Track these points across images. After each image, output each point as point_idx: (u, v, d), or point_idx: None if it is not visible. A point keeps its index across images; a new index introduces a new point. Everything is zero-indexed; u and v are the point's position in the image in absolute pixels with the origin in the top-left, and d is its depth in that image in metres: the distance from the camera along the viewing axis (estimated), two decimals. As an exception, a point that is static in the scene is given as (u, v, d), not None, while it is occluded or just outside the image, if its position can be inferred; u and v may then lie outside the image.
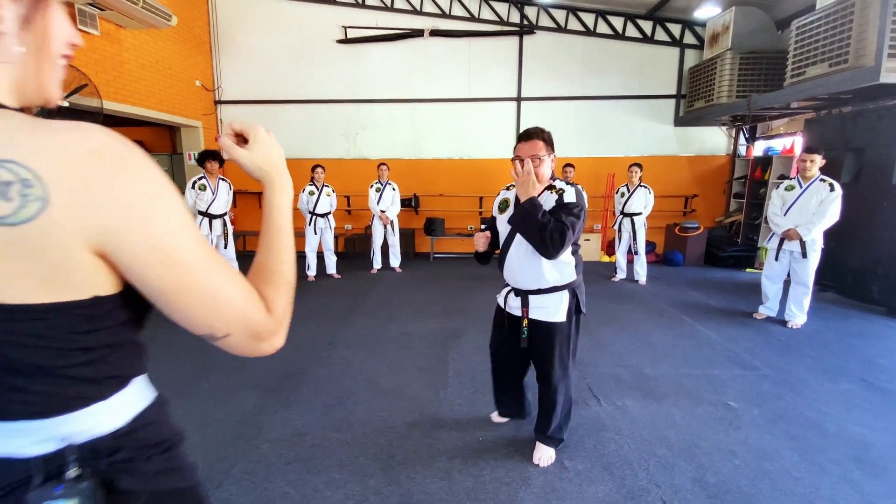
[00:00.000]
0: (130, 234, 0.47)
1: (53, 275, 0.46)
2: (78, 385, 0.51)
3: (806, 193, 3.87)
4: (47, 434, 0.50)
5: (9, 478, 0.49)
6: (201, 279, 0.51)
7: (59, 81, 0.56)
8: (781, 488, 1.94)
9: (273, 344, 0.58)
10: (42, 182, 0.43)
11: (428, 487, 1.93)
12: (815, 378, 3.03)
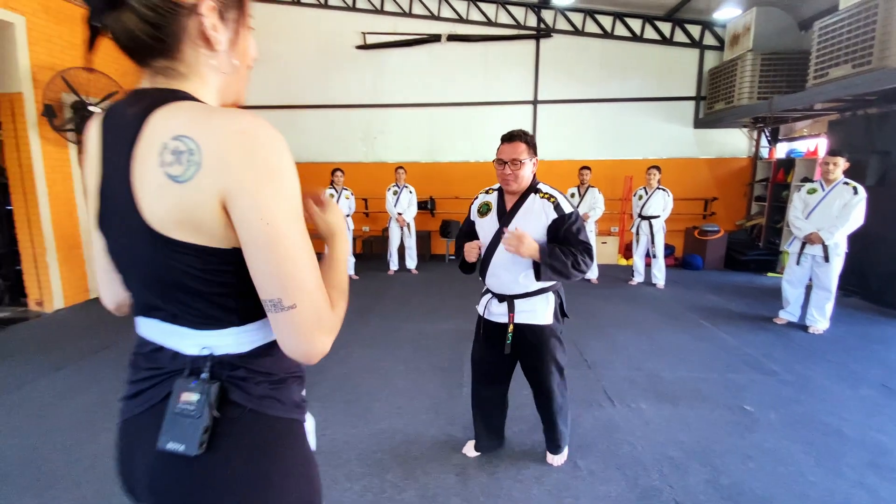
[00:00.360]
0: (245, 194, 0.58)
1: (203, 224, 0.59)
2: (220, 310, 0.65)
3: (829, 197, 3.81)
4: (198, 341, 0.66)
5: (173, 365, 0.67)
6: (289, 246, 0.60)
7: (246, 87, 0.75)
8: (795, 492, 1.95)
9: (325, 342, 0.64)
10: (201, 151, 0.57)
11: (443, 482, 1.99)
12: (835, 384, 2.99)
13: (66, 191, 4.62)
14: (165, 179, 0.57)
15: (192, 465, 0.62)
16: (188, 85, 0.66)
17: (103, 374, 3.11)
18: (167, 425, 0.63)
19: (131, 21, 0.61)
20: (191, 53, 0.65)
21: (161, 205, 0.59)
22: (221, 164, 0.57)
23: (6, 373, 3.11)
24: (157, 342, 0.69)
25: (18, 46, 4.11)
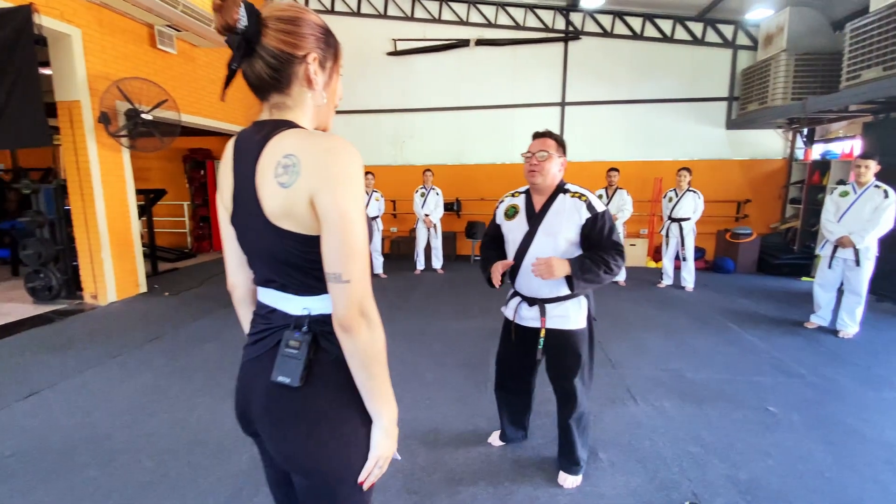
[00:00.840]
0: (324, 192, 0.77)
1: (299, 217, 0.79)
2: (315, 281, 0.84)
3: (860, 200, 3.75)
4: (300, 304, 0.87)
5: (283, 321, 0.88)
6: (352, 233, 0.77)
7: (332, 116, 0.95)
8: (811, 487, 1.98)
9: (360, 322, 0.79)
10: (300, 164, 0.77)
11: (469, 467, 2.11)
12: (859, 387, 2.96)
13: (119, 192, 4.97)
14: (276, 185, 0.79)
15: (296, 393, 0.84)
16: (293, 114, 0.88)
17: (155, 362, 3.37)
18: (278, 364, 0.84)
19: (260, 66, 0.83)
20: (297, 91, 0.87)
21: (274, 203, 0.80)
22: (312, 171, 0.77)
23: (68, 359, 3.40)
24: (272, 306, 0.91)
25: (76, 57, 4.46)
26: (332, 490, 0.88)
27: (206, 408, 2.68)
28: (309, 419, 0.85)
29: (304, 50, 0.84)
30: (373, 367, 0.84)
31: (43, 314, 4.46)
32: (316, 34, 0.86)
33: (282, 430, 0.86)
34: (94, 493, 1.95)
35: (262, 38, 0.82)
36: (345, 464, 0.87)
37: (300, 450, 0.85)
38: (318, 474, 0.86)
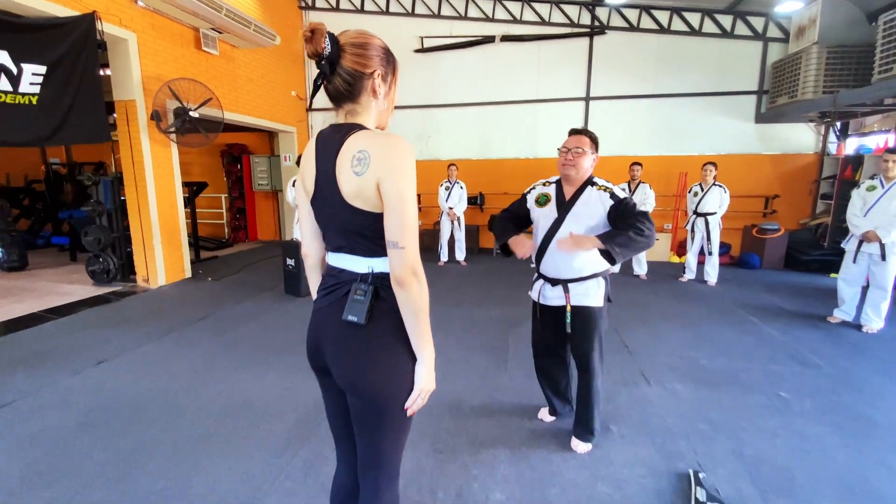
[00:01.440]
0: (387, 179, 1.00)
1: (368, 198, 1.02)
2: (377, 247, 1.07)
3: (888, 195, 3.74)
4: (365, 264, 1.10)
5: (350, 277, 1.12)
6: (407, 211, 1.01)
7: (389, 119, 1.19)
8: (815, 464, 2.10)
9: (411, 279, 1.03)
10: (370, 157, 1.00)
11: (489, 433, 2.32)
12: (876, 378, 3.01)
13: (168, 184, 5.37)
14: (352, 174, 1.03)
15: (360, 329, 1.08)
16: (361, 118, 1.12)
17: (204, 337, 3.71)
18: (348, 306, 1.09)
19: (338, 81, 1.08)
20: (365, 99, 1.11)
21: (349, 187, 1.04)
22: (378, 163, 1.00)
23: (126, 334, 3.77)
24: (341, 266, 1.15)
25: (132, 59, 4.84)
26: (382, 412, 1.11)
27: (253, 377, 2.98)
28: (369, 350, 1.09)
29: (371, 68, 1.08)
30: (420, 315, 1.06)
31: (102, 295, 4.90)
32: (380, 55, 1.10)
33: (348, 358, 1.10)
34: (163, 442, 2.25)
35: (341, 60, 1.06)
36: (394, 390, 1.10)
37: (360, 375, 1.09)
38: (372, 397, 1.09)
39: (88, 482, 1.96)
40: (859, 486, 1.98)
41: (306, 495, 1.88)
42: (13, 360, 3.22)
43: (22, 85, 3.81)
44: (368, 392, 1.09)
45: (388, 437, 1.14)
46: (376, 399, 1.10)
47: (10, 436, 2.31)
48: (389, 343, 1.09)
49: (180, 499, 1.86)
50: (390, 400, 1.10)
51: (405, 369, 1.11)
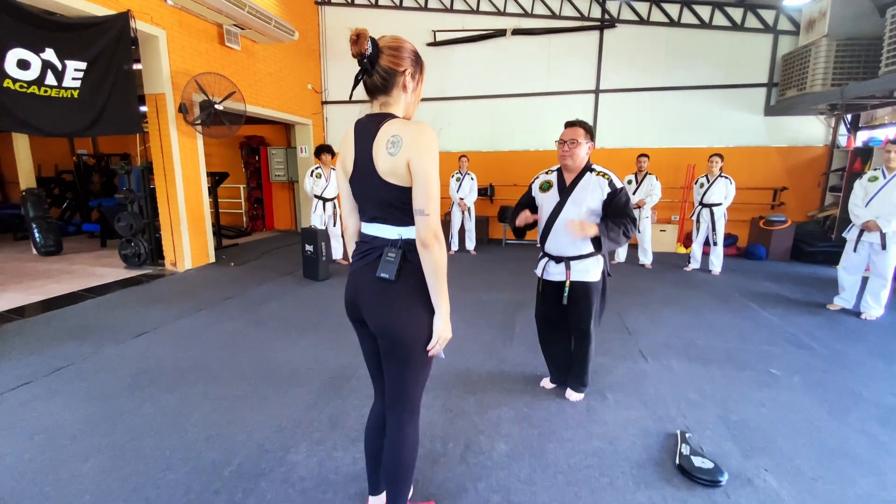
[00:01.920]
0: (416, 159, 1.21)
1: (400, 174, 1.24)
2: (406, 216, 1.29)
3: (889, 185, 3.85)
4: (395, 232, 1.32)
5: (382, 243, 1.34)
6: (432, 185, 1.23)
7: (415, 110, 1.40)
8: (798, 431, 2.28)
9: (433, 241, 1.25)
10: (402, 141, 1.22)
11: (495, 398, 2.55)
12: (868, 359, 3.17)
13: (194, 174, 5.66)
14: (387, 154, 1.25)
15: (391, 284, 1.31)
16: (393, 109, 1.34)
17: (233, 315, 3.99)
18: (381, 265, 1.32)
19: (376, 78, 1.30)
20: (396, 93, 1.33)
21: (385, 166, 1.26)
22: (409, 145, 1.22)
23: (161, 311, 4.07)
24: (375, 234, 1.37)
25: (161, 55, 5.12)
26: (408, 352, 1.34)
27: (280, 349, 3.25)
28: (398, 301, 1.32)
29: (403, 67, 1.30)
30: (439, 273, 1.28)
31: (134, 277, 5.22)
32: (411, 57, 1.32)
33: (381, 308, 1.34)
34: (204, 400, 2.52)
35: (379, 59, 1.27)
36: (416, 333, 1.33)
37: (390, 320, 1.32)
38: (398, 338, 1.33)
39: (141, 431, 2.23)
40: (838, 449, 2.16)
41: (332, 443, 2.13)
42: (63, 331, 3.54)
43: (65, 80, 4.10)
44: (396, 334, 1.33)
45: (412, 373, 1.38)
46: (402, 340, 1.33)
47: (69, 393, 2.60)
48: (413, 296, 1.33)
49: (224, 444, 2.12)
50: (413, 341, 1.34)
51: (425, 318, 1.34)
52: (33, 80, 3.89)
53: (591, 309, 2.38)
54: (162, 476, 1.91)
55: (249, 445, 2.12)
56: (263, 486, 1.84)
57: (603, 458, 2.06)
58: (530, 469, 1.97)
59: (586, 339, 2.43)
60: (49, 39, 3.96)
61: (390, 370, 1.39)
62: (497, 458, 2.04)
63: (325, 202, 5.84)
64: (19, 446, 2.11)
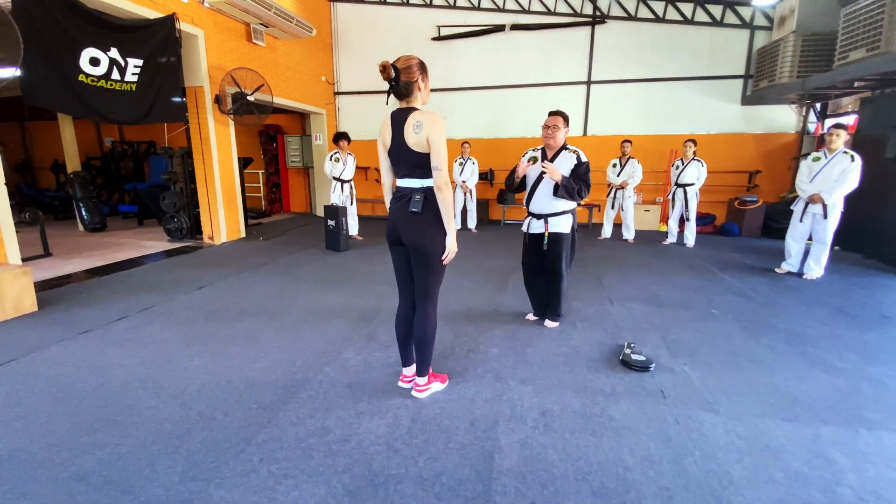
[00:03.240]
0: (432, 135, 1.98)
1: (422, 146, 2.01)
2: (426, 173, 2.05)
3: (830, 164, 4.56)
4: (420, 184, 2.09)
5: (411, 191, 2.11)
6: (442, 150, 1.99)
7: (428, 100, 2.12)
8: (718, 345, 3.04)
9: (446, 189, 2.01)
10: (424, 124, 1.99)
11: (490, 325, 3.31)
12: (796, 305, 3.91)
13: (227, 158, 6.39)
14: (414, 133, 2.00)
15: (418, 215, 2.06)
16: (414, 104, 2.08)
17: (272, 274, 4.76)
18: (412, 203, 2.06)
19: (401, 88, 2.02)
20: (415, 95, 2.06)
21: (412, 140, 2.01)
22: (427, 127, 1.97)
23: (211, 272, 4.83)
24: (406, 186, 2.11)
25: (200, 52, 5.81)
26: (430, 260, 2.10)
27: (318, 297, 4.01)
28: (422, 225, 2.06)
29: (415, 78, 2.01)
30: (448, 207, 2.04)
31: (178, 248, 5.99)
32: (419, 69, 2.02)
33: (413, 231, 2.07)
34: (267, 327, 3.29)
35: (401, 77, 1.98)
36: (435, 247, 2.08)
37: (419, 238, 2.07)
38: (425, 250, 2.08)
39: (228, 343, 3.00)
40: (744, 355, 2.90)
41: (370, 349, 2.90)
42: (136, 286, 4.31)
43: (126, 75, 4.82)
44: (422, 247, 2.08)
45: (433, 275, 2.13)
46: (426, 251, 2.08)
47: (161, 323, 3.37)
48: (432, 223, 2.07)
49: (292, 350, 2.89)
50: (433, 252, 2.09)
51: (440, 238, 2.09)
52: (101, 75, 4.60)
53: (562, 254, 3.14)
54: (252, 365, 2.68)
55: (310, 351, 2.89)
56: (327, 370, 2.62)
57: (567, 357, 2.82)
58: (514, 362, 2.74)
59: (559, 278, 3.19)
60: (113, 40, 4.66)
61: (418, 275, 2.15)
62: (490, 356, 2.81)
63: (343, 183, 6.57)
64: (138, 353, 2.88)
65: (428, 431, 2.05)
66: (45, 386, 2.45)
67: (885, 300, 4.11)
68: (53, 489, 1.69)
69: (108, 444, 1.96)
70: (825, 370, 2.71)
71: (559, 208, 3.11)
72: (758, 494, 1.69)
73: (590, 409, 2.25)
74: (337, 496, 1.66)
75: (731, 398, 2.36)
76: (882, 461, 1.89)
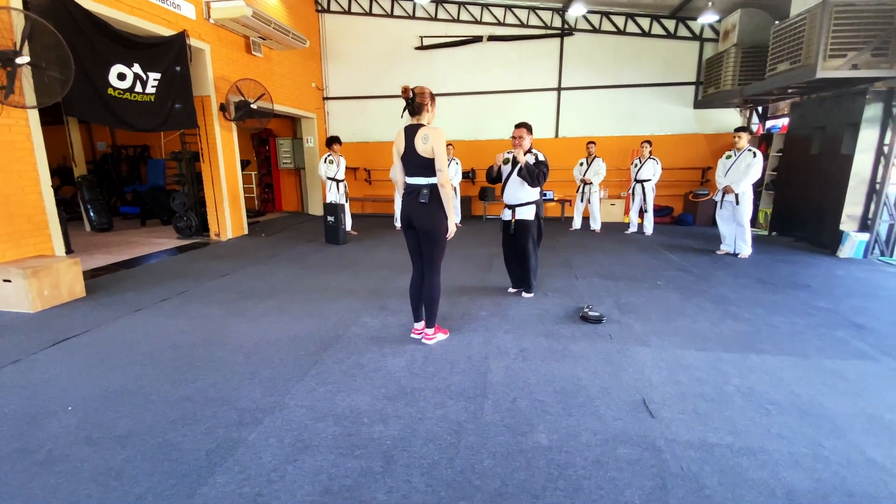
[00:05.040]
0: (436, 144, 2.72)
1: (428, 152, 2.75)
2: (431, 173, 2.79)
3: (738, 160, 5.51)
4: (426, 181, 2.83)
5: (420, 186, 2.84)
6: (443, 156, 2.73)
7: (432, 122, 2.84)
8: (657, 304, 3.86)
9: (447, 185, 2.74)
10: (430, 137, 2.73)
11: (478, 295, 4.05)
12: (727, 277, 4.79)
13: (231, 161, 6.95)
14: (422, 143, 2.73)
15: (426, 205, 2.81)
16: (423, 121, 2.81)
17: (282, 265, 5.39)
18: (421, 196, 2.81)
19: (415, 106, 2.78)
20: (425, 114, 2.82)
21: (421, 148, 2.75)
22: (432, 139, 2.70)
23: (227, 263, 5.42)
24: (415, 182, 2.85)
25: (207, 64, 6.37)
26: (435, 238, 2.82)
27: (329, 279, 4.67)
28: (430, 212, 2.79)
29: (427, 101, 2.74)
30: (449, 199, 2.78)
31: (188, 244, 6.52)
32: (429, 96, 2.77)
33: (422, 217, 2.79)
34: (294, 302, 3.94)
35: (416, 99, 2.70)
36: (440, 227, 2.82)
37: (428, 222, 2.79)
38: (432, 231, 2.81)
39: (261, 315, 3.64)
40: (676, 313, 3.71)
41: (384, 315, 3.60)
42: (163, 275, 4.88)
43: (147, 87, 5.36)
44: (430, 229, 2.79)
45: (437, 250, 2.85)
46: (433, 231, 2.79)
47: (199, 303, 3.98)
48: (438, 210, 2.78)
49: (321, 314, 3.56)
50: (438, 231, 2.81)
51: (444, 222, 2.81)
52: (127, 88, 5.14)
53: (528, 238, 3.89)
54: (290, 328, 3.34)
55: (335, 317, 3.57)
56: (353, 329, 3.31)
57: (540, 316, 3.59)
58: (499, 320, 3.48)
59: (527, 258, 3.94)
60: (136, 56, 5.21)
61: (426, 249, 2.86)
62: (480, 317, 3.56)
63: (338, 183, 7.19)
64: (191, 324, 3.49)
65: (437, 363, 2.77)
66: (125, 348, 3.06)
67: (800, 272, 5.03)
68: (168, 407, 2.33)
69: (198, 379, 2.61)
70: (736, 320, 3.55)
71: (524, 199, 3.87)
72: (667, 389, 2.47)
73: (555, 346, 3.01)
74: (380, 399, 2.36)
75: (660, 338, 3.16)
76: (761, 371, 2.71)
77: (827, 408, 2.31)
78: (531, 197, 3.86)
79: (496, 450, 1.96)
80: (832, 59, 5.45)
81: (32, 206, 4.23)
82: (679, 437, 2.05)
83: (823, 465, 1.89)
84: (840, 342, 3.14)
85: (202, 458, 1.90)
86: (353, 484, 1.75)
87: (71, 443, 2.02)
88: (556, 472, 1.82)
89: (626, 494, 1.70)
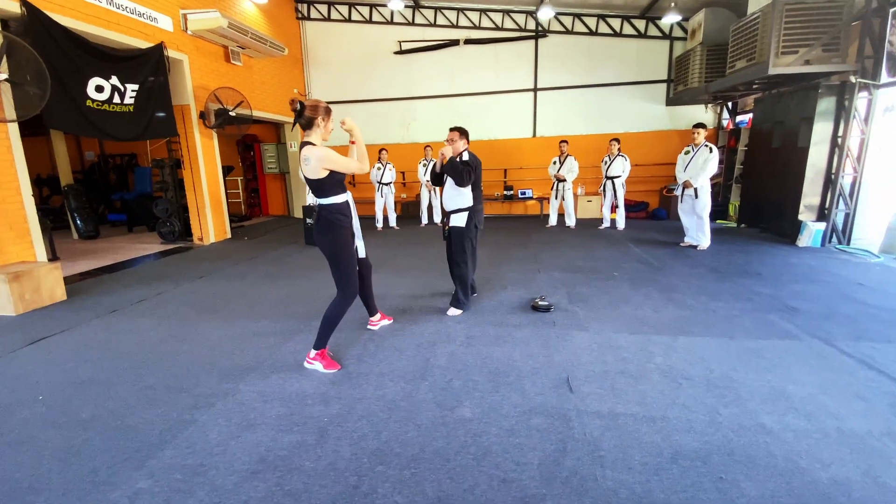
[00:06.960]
0: (331, 162, 2.62)
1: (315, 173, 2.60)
2: (320, 193, 2.70)
3: (696, 156, 5.73)
4: (317, 201, 2.78)
5: (314, 208, 2.94)
6: (342, 165, 2.65)
7: (327, 140, 2.87)
8: (607, 294, 4.08)
9: (363, 169, 2.81)
10: (310, 160, 2.57)
11: (438, 297, 4.26)
12: (681, 267, 5.00)
13: (212, 167, 7.15)
14: (304, 163, 2.59)
15: (315, 227, 2.79)
16: (311, 138, 2.65)
17: (260, 266, 5.59)
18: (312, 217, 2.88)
19: (303, 120, 2.62)
20: (314, 130, 2.64)
21: (304, 168, 2.61)
22: (313, 160, 2.60)
23: (207, 266, 5.62)
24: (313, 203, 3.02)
25: (186, 74, 6.57)
26: (332, 257, 2.76)
27: (305, 279, 4.88)
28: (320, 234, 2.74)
29: (318, 115, 2.59)
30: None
31: (172, 249, 6.72)
32: (322, 109, 2.60)
33: (317, 237, 2.79)
34: (262, 301, 4.15)
35: (305, 112, 2.65)
36: (334, 247, 2.71)
37: (320, 243, 2.74)
38: (326, 252, 2.73)
39: (231, 312, 3.85)
40: (623, 301, 3.92)
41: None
42: (144, 278, 5.09)
43: (125, 98, 5.57)
44: (325, 250, 2.74)
45: (335, 270, 3.18)
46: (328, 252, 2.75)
47: (176, 302, 4.19)
48: (327, 232, 2.86)
49: (287, 310, 3.77)
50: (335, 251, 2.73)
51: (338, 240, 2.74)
52: (105, 99, 5.35)
53: (460, 247, 3.66)
54: (256, 324, 3.55)
55: (301, 312, 3.77)
56: (314, 323, 3.52)
57: (494, 307, 3.80)
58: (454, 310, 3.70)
59: (458, 267, 3.72)
60: (114, 69, 5.41)
61: (331, 270, 2.98)
62: (436, 308, 3.76)
63: (318, 186, 7.40)
64: (163, 322, 3.70)
65: (386, 351, 2.99)
66: (98, 345, 3.27)
67: (753, 262, 5.25)
68: (131, 394, 2.54)
69: (161, 370, 2.81)
70: (678, 306, 3.77)
71: (456, 206, 3.67)
72: (593, 367, 2.68)
73: (501, 333, 3.22)
74: (325, 384, 2.57)
75: (600, 323, 3.38)
76: (684, 352, 2.92)
77: (735, 381, 2.53)
78: (465, 203, 3.66)
79: (422, 423, 2.17)
80: (784, 56, 5.69)
81: (14, 214, 4.43)
82: (590, 409, 2.26)
83: (714, 429, 2.10)
84: (768, 324, 3.35)
85: (155, 437, 2.11)
86: (287, 454, 1.96)
87: (38, 427, 2.23)
88: (471, 440, 2.03)
89: (529, 457, 1.91)
